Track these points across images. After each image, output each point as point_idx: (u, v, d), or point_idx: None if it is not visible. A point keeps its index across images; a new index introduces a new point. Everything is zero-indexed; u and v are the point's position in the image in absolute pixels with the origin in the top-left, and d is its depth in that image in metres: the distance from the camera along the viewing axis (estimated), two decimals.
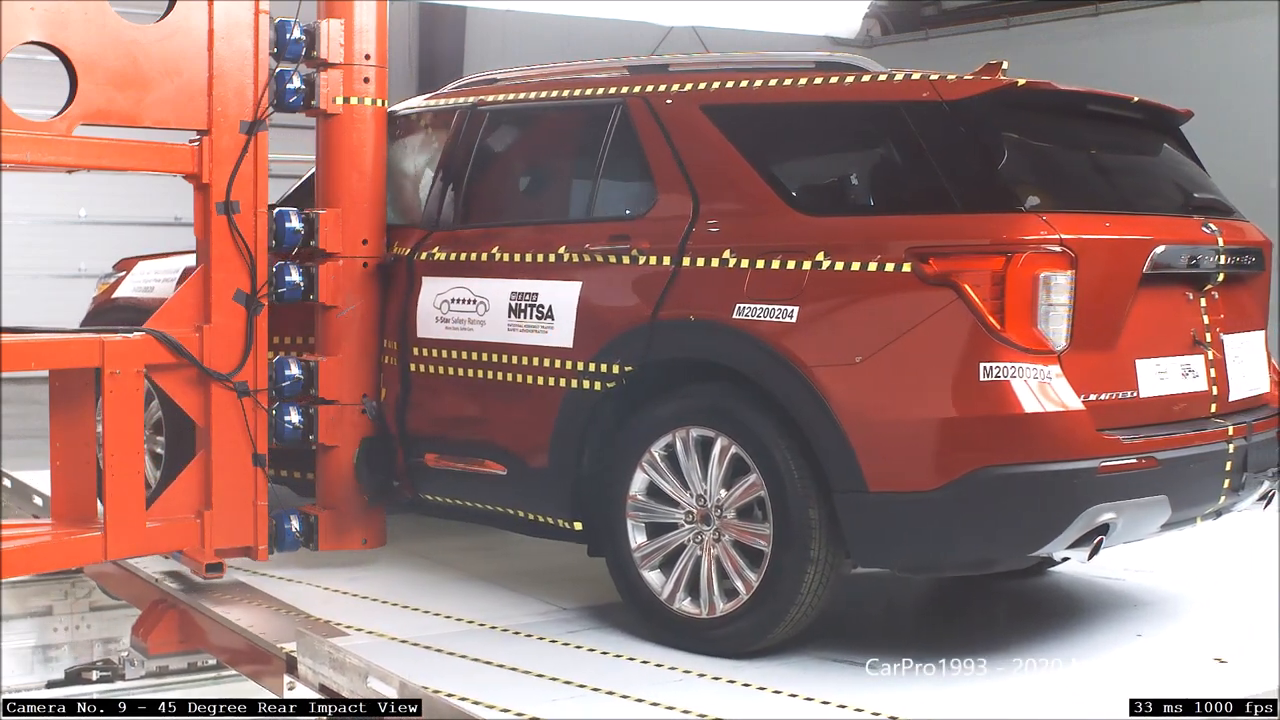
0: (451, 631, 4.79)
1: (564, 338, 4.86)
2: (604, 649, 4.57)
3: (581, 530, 4.90)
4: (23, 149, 4.76)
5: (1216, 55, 14.99)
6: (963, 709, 4.06)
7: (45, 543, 5.10)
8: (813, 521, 4.30)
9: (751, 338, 4.39)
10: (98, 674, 7.68)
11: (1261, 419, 4.81)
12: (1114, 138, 4.86)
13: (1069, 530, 4.12)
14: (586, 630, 4.78)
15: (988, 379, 4.06)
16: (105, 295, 6.64)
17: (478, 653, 4.50)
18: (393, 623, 4.85)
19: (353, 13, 5.46)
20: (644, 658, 4.49)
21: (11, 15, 4.72)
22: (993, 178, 4.27)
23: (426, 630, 4.78)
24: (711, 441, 4.49)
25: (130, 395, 4.99)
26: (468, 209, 5.39)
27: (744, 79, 4.80)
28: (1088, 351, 4.21)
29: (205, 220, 5.21)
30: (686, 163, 4.74)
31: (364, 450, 5.41)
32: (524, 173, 5.59)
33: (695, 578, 4.55)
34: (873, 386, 4.19)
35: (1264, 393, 4.99)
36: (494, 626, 4.84)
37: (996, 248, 4.12)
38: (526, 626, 4.83)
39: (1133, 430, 4.29)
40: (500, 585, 5.39)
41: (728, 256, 4.51)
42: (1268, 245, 5.05)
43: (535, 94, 5.36)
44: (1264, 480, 4.80)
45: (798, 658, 4.48)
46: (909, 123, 4.40)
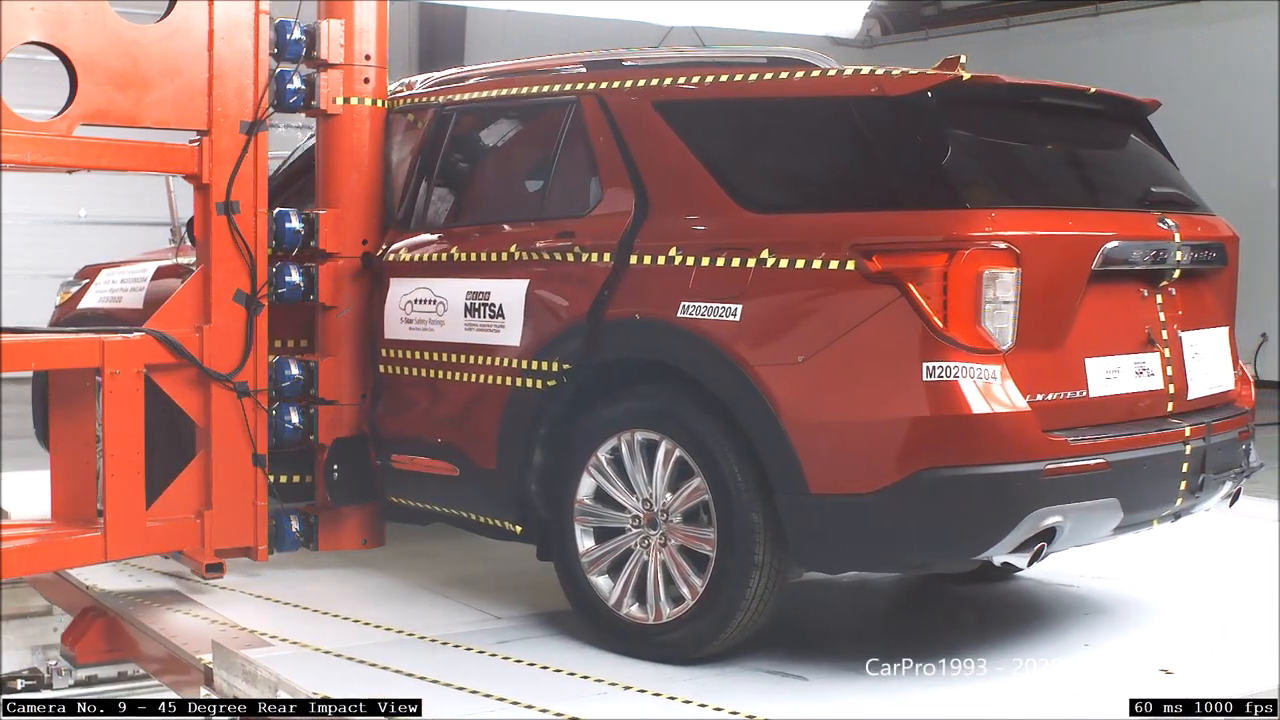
0: (378, 641, 4.71)
1: (513, 336, 4.83)
2: (532, 660, 4.48)
3: (522, 534, 4.86)
4: (23, 149, 4.76)
5: (1216, 55, 15.00)
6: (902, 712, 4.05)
7: (45, 543, 5.09)
8: (757, 526, 4.24)
9: (695, 336, 4.32)
10: (22, 683, 7.33)
11: (1222, 419, 4.70)
12: (1072, 131, 4.76)
13: (1014, 533, 4.03)
14: (517, 641, 4.69)
15: (930, 379, 3.98)
16: (70, 305, 6.51)
17: (400, 664, 4.40)
18: (321, 632, 4.78)
19: (353, 13, 5.45)
20: (571, 669, 4.38)
21: (11, 15, 4.71)
22: (938, 174, 4.20)
23: (353, 640, 4.69)
24: (656, 445, 4.45)
25: (130, 395, 4.99)
26: (432, 209, 5.36)
27: (695, 75, 4.76)
28: (1034, 351, 4.12)
29: (205, 220, 5.21)
30: (636, 159, 4.69)
31: (335, 451, 5.38)
32: (485, 172, 5.52)
33: (643, 583, 4.50)
34: (815, 387, 4.12)
35: (1227, 390, 4.89)
36: (423, 637, 4.74)
37: (940, 245, 4.04)
38: (456, 637, 4.73)
39: (1081, 431, 4.19)
40: (440, 594, 5.31)
41: (674, 254, 4.45)
42: (1232, 240, 4.95)
43: (497, 92, 5.29)
44: (1225, 481, 4.70)
45: (734, 669, 4.39)
46: (856, 118, 4.33)
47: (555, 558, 4.76)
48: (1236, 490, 4.86)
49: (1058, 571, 5.59)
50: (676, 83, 4.76)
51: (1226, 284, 4.98)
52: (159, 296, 5.68)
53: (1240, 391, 5.01)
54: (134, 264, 6.30)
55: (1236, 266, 5.00)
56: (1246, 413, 4.93)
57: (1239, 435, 4.80)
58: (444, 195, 5.40)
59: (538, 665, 4.43)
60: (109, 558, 5.08)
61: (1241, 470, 4.81)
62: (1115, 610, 5.19)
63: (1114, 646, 4.73)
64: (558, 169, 4.99)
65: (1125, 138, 4.94)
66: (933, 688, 4.24)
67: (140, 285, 6.03)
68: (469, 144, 5.40)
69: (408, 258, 5.29)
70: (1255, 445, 4.95)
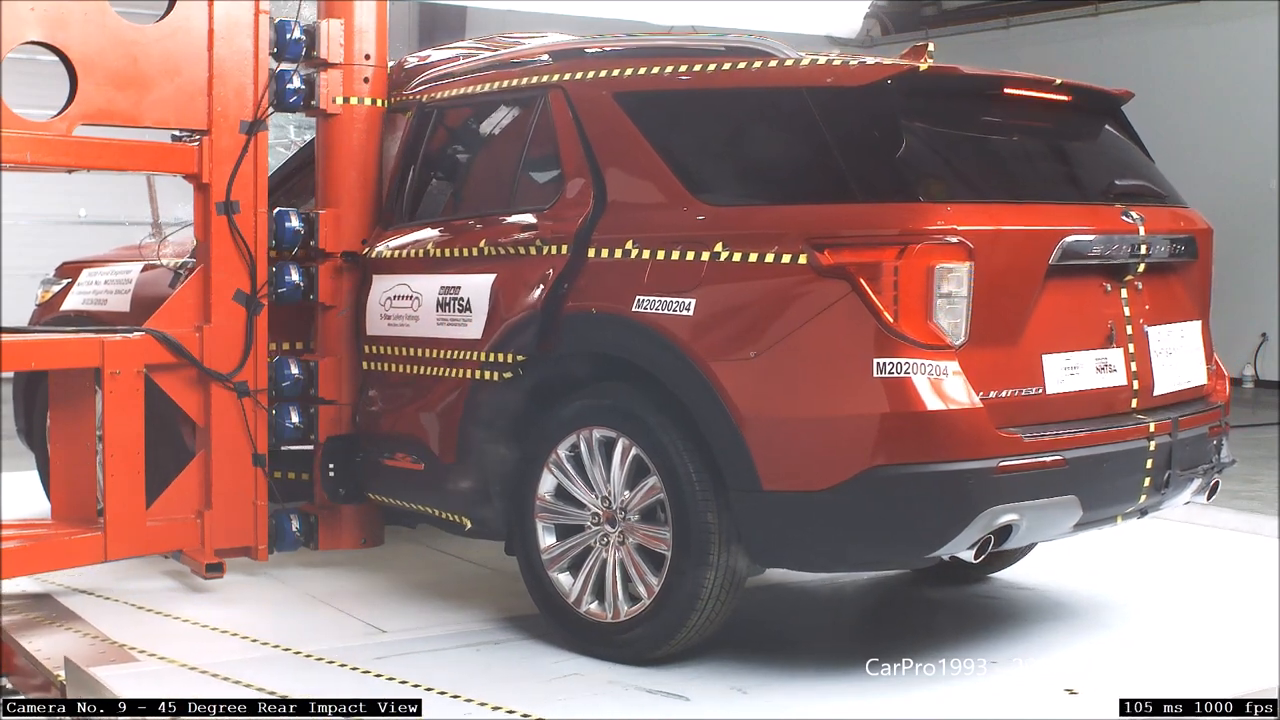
0: (251, 657, 4.54)
1: (477, 330, 4.81)
2: (404, 678, 4.28)
3: (471, 530, 4.84)
4: (23, 149, 4.76)
5: (1216, 55, 14.99)
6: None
7: (45, 543, 5.10)
8: (711, 526, 4.20)
9: (650, 331, 4.27)
10: None
11: (1190, 414, 4.62)
12: (1038, 122, 4.69)
13: (967, 531, 3.98)
14: (395, 657, 4.50)
15: (881, 375, 3.93)
16: (52, 305, 6.46)
17: (263, 681, 4.22)
18: (194, 647, 4.62)
19: (353, 13, 5.45)
20: (442, 689, 4.19)
21: (11, 15, 4.71)
22: (893, 167, 4.13)
23: (224, 655, 4.53)
24: (614, 442, 4.42)
25: (130, 395, 4.99)
26: (411, 205, 5.35)
27: (655, 65, 4.70)
28: (988, 347, 4.06)
29: (205, 220, 5.21)
30: (596, 151, 4.65)
31: (327, 450, 5.38)
32: (460, 167, 5.47)
33: (602, 581, 4.47)
34: (766, 382, 4.07)
35: (1198, 385, 4.81)
36: (298, 652, 4.57)
37: (891, 239, 3.97)
38: (334, 652, 4.54)
39: (1037, 428, 4.12)
40: (332, 605, 5.17)
41: (630, 247, 4.41)
42: (1204, 233, 4.86)
43: (474, 88, 5.25)
44: (1195, 477, 4.62)
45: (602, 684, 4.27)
46: (812, 109, 4.26)
47: (518, 554, 4.73)
48: (1212, 484, 4.78)
49: (1057, 572, 5.58)
50: (636, 73, 4.71)
51: (1199, 277, 4.89)
52: (146, 298, 5.68)
53: (1214, 386, 4.92)
54: (116, 263, 6.25)
55: (1210, 259, 4.92)
56: (1219, 408, 4.85)
57: (1210, 431, 4.72)
58: (421, 191, 5.39)
59: (410, 683, 4.23)
60: (109, 557, 5.08)
61: (1212, 465, 4.72)
62: (1115, 610, 5.18)
63: (1114, 646, 4.72)
64: (526, 162, 4.97)
65: (1096, 130, 4.87)
66: (932, 687, 4.22)
67: (126, 288, 5.99)
68: (446, 139, 5.38)
69: (389, 254, 5.28)
70: (1228, 440, 4.88)
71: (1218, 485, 4.83)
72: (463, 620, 4.95)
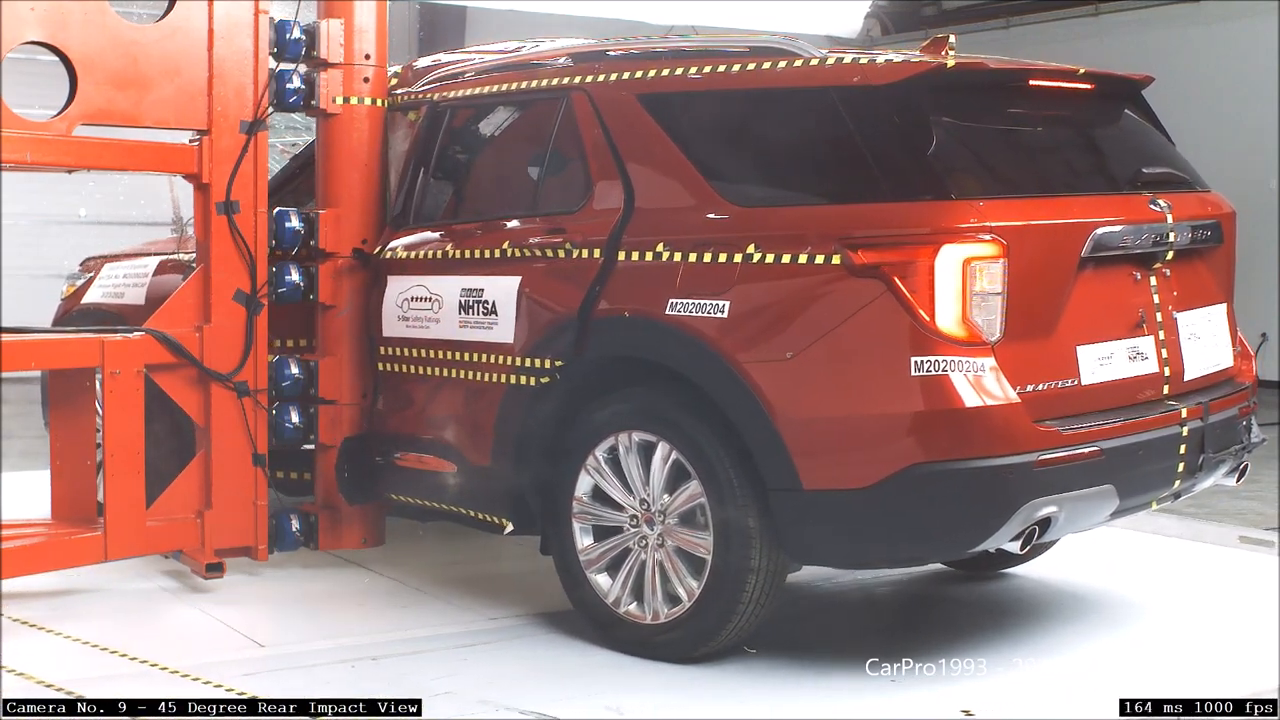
0: (117, 673, 4.35)
1: (506, 333, 4.81)
2: (269, 695, 4.08)
3: (514, 530, 4.85)
4: (23, 149, 4.76)
5: (1216, 55, 14.98)
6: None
7: (45, 543, 5.10)
8: (752, 531, 4.22)
9: (684, 334, 4.30)
10: None
11: (1220, 397, 4.66)
12: (1062, 114, 4.70)
13: (1008, 525, 4.02)
14: (267, 673, 4.36)
15: (919, 373, 3.96)
16: (75, 298, 6.50)
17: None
18: (61, 661, 4.45)
19: (353, 13, 5.45)
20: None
21: (11, 15, 4.71)
22: (923, 164, 4.15)
23: (89, 671, 4.34)
24: (653, 446, 4.43)
25: (130, 395, 4.99)
26: (428, 206, 5.35)
27: (679, 66, 4.70)
28: (1024, 341, 4.09)
29: (205, 220, 5.21)
30: (622, 154, 4.65)
31: (344, 450, 5.38)
32: (479, 167, 5.49)
33: (641, 582, 4.48)
34: (803, 382, 4.10)
35: (1226, 368, 4.85)
36: (165, 667, 4.39)
37: (925, 237, 3.99)
38: (203, 668, 4.36)
39: (1074, 420, 4.16)
40: (223, 621, 4.97)
41: (661, 250, 4.42)
42: (1229, 217, 4.89)
43: (490, 89, 5.25)
44: (1226, 459, 4.66)
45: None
46: (840, 109, 4.27)
47: (554, 554, 4.74)
48: (1241, 466, 4.83)
49: (1057, 572, 5.59)
50: (659, 75, 4.71)
51: (1224, 261, 4.93)
52: (160, 293, 5.69)
53: (1241, 367, 4.97)
54: (135, 258, 6.29)
55: (1234, 242, 4.95)
56: (1246, 388, 4.89)
57: (1239, 412, 4.76)
58: (440, 191, 5.39)
59: (264, 700, 4.05)
60: (109, 557, 5.08)
61: (1243, 446, 4.77)
62: (1115, 610, 5.19)
63: (1113, 647, 4.72)
64: (549, 163, 4.96)
65: (1118, 117, 4.89)
66: (932, 687, 4.23)
67: (142, 281, 6.03)
68: (464, 139, 5.38)
69: (404, 255, 5.27)
70: (1256, 419, 4.91)
71: (1247, 468, 4.87)
72: (463, 620, 4.97)
